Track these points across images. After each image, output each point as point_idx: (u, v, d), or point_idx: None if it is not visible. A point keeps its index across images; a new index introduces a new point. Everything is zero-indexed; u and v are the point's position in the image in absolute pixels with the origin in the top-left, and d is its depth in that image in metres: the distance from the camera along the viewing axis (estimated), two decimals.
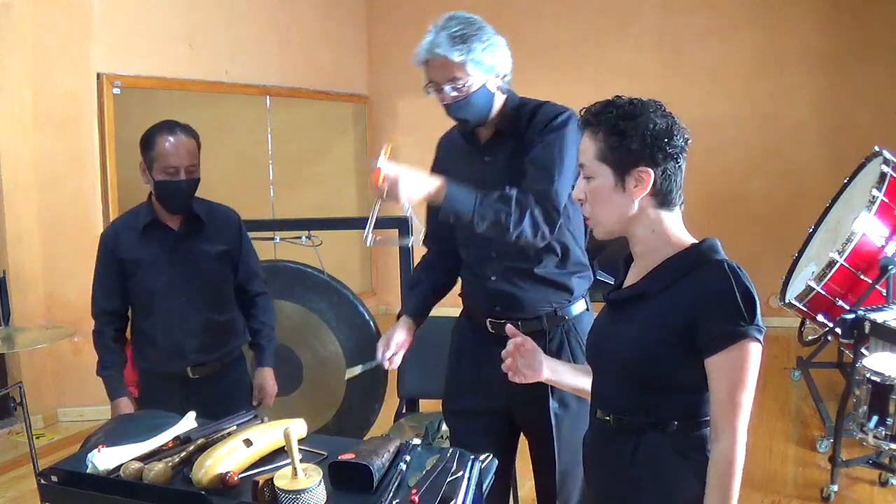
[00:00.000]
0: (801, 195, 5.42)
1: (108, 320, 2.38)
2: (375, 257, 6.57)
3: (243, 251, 2.47)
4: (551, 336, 1.96)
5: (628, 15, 5.89)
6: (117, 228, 2.39)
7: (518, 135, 1.91)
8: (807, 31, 5.55)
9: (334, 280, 3.15)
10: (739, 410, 1.30)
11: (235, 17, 5.11)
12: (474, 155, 1.97)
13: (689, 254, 1.37)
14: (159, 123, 2.26)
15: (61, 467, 1.60)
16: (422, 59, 1.84)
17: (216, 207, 2.44)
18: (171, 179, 2.23)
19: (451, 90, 1.83)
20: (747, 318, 1.29)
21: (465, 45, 1.79)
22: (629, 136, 1.33)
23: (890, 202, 3.56)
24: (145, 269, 2.32)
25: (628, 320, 1.42)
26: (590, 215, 1.42)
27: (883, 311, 3.16)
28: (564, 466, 2.00)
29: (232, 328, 2.46)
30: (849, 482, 3.28)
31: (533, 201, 1.80)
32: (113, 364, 2.37)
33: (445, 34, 1.80)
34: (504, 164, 1.92)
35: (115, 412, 2.34)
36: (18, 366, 4.09)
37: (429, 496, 1.46)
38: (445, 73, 1.82)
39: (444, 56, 1.79)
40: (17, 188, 4.09)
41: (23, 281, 4.08)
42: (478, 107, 1.86)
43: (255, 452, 1.63)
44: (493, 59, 1.84)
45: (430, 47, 1.81)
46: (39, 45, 4.09)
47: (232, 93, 5.09)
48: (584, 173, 1.40)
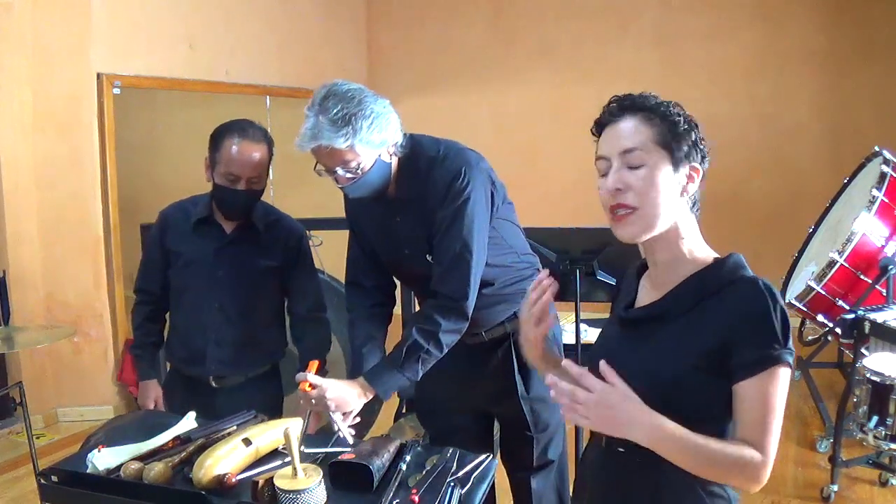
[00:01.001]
0: (801, 195, 5.41)
1: (146, 298, 2.32)
2: None
3: (298, 270, 2.29)
4: (516, 336, 1.95)
5: (628, 15, 5.89)
6: (174, 212, 2.28)
7: (418, 195, 1.86)
8: (807, 31, 5.54)
9: (334, 280, 3.14)
10: (770, 435, 1.20)
11: (235, 17, 5.11)
12: (385, 216, 1.93)
13: (714, 271, 1.27)
14: (232, 122, 2.13)
15: (61, 467, 1.60)
16: (306, 149, 1.73)
17: (281, 219, 2.29)
18: (230, 187, 2.09)
19: (344, 172, 1.75)
20: (782, 341, 1.20)
21: (348, 128, 1.68)
22: (689, 130, 1.27)
23: (890, 202, 3.55)
24: (185, 265, 2.22)
25: (646, 342, 1.30)
26: (636, 204, 1.25)
27: (883, 311, 3.15)
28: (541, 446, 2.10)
29: (265, 347, 2.30)
30: (849, 482, 3.28)
31: (440, 317, 1.83)
32: (144, 344, 2.31)
33: (326, 119, 1.68)
34: (412, 225, 1.89)
35: (142, 393, 2.31)
36: (18, 366, 4.09)
37: (429, 496, 1.46)
38: (335, 159, 1.73)
39: (329, 145, 1.69)
40: (17, 188, 4.09)
41: (23, 281, 4.08)
42: (375, 183, 1.80)
43: (253, 451, 1.63)
44: (382, 134, 1.75)
45: (312, 136, 1.70)
46: (39, 45, 4.09)
47: (232, 93, 5.08)
48: (631, 161, 1.25)
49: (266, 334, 2.31)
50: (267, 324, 2.30)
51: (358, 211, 2.01)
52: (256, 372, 2.29)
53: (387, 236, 1.95)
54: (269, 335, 2.32)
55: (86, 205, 4.22)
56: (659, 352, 1.27)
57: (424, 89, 6.32)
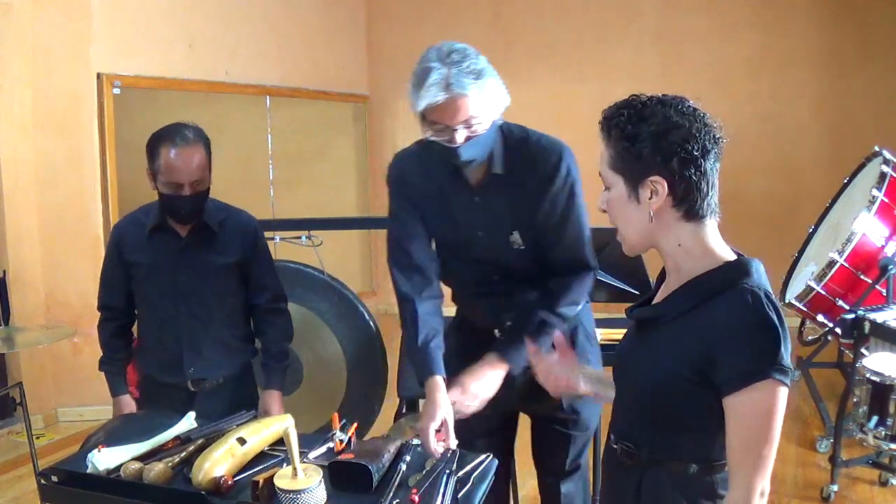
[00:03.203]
0: (801, 195, 5.41)
1: (111, 315, 2.31)
2: (376, 257, 6.57)
3: (256, 263, 2.30)
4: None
5: (628, 15, 5.89)
6: (126, 225, 2.28)
7: (509, 173, 1.79)
8: (807, 31, 5.54)
9: (334, 280, 3.14)
10: (759, 464, 1.13)
11: (235, 17, 5.11)
12: (462, 195, 1.84)
13: (714, 276, 1.20)
14: (164, 130, 2.10)
15: (61, 467, 1.60)
16: (438, 100, 1.60)
17: (233, 214, 2.29)
18: (176, 195, 2.08)
19: (464, 130, 1.64)
20: (767, 356, 1.12)
21: (481, 81, 1.61)
22: (639, 141, 1.16)
23: (890, 202, 3.55)
24: (147, 274, 2.22)
25: (646, 343, 1.29)
26: (615, 224, 1.27)
27: (883, 311, 3.15)
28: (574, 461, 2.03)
29: (238, 344, 2.32)
30: (849, 482, 3.28)
31: (573, 290, 1.86)
32: (112, 360, 2.30)
33: (458, 71, 1.59)
34: (498, 206, 1.82)
35: (116, 410, 2.30)
36: (18, 366, 4.09)
37: (429, 496, 1.46)
38: (461, 114, 1.62)
39: (463, 95, 1.60)
40: (17, 188, 4.08)
41: (23, 281, 4.08)
42: (487, 145, 1.72)
43: (249, 450, 1.63)
44: (502, 97, 1.70)
45: (445, 86, 1.59)
46: (39, 45, 4.09)
47: (232, 93, 5.08)
48: (604, 183, 1.25)
49: (239, 330, 2.32)
50: (236, 321, 2.31)
51: (421, 194, 1.88)
52: (232, 372, 2.30)
53: (460, 216, 1.86)
54: (240, 331, 2.33)
55: (86, 205, 4.22)
56: (651, 356, 1.25)
57: None
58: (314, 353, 3.15)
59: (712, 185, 1.20)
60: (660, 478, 1.23)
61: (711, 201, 1.21)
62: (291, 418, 1.75)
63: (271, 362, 2.34)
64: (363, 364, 3.11)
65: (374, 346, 3.11)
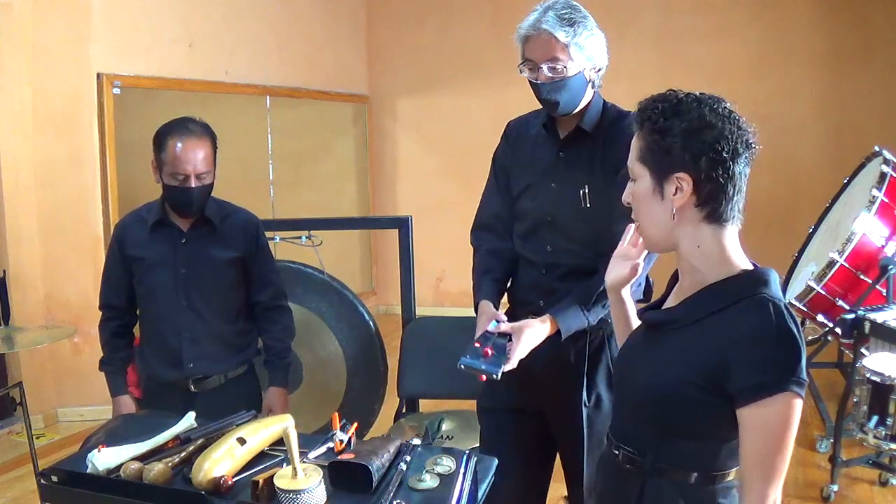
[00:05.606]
0: (801, 195, 5.42)
1: (112, 314, 2.32)
2: (375, 257, 6.57)
3: (258, 260, 2.31)
4: (592, 337, 1.89)
5: (628, 15, 5.89)
6: (129, 221, 2.29)
7: (597, 136, 1.88)
8: (807, 31, 5.55)
9: (334, 280, 3.15)
10: (772, 475, 1.12)
11: (235, 17, 5.11)
12: (549, 148, 1.94)
13: (733, 283, 1.18)
14: (173, 122, 2.14)
15: (61, 467, 1.60)
16: (524, 34, 1.79)
17: (234, 211, 2.31)
18: (181, 186, 2.10)
19: (548, 70, 1.78)
20: (787, 368, 1.11)
21: (571, 28, 1.75)
22: (670, 135, 1.16)
23: (890, 202, 3.55)
24: (148, 269, 2.22)
25: (656, 347, 1.26)
26: (637, 220, 1.26)
27: (883, 311, 3.16)
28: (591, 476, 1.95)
29: (239, 341, 2.31)
30: (849, 482, 3.28)
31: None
32: (113, 360, 2.31)
33: (553, 13, 1.76)
34: (578, 165, 1.88)
35: (115, 410, 2.30)
36: (18, 366, 4.09)
37: (443, 497, 1.45)
38: (547, 51, 1.77)
39: (550, 34, 1.75)
40: (17, 188, 4.08)
41: (23, 281, 4.08)
42: (571, 92, 1.82)
43: (249, 450, 1.63)
44: (594, 49, 1.81)
45: (535, 23, 1.76)
46: (39, 45, 4.09)
47: (232, 93, 5.09)
48: (630, 175, 1.25)
49: (241, 326, 2.32)
50: (236, 316, 2.31)
51: (518, 144, 2.02)
52: (235, 373, 2.30)
53: (544, 171, 1.93)
54: (241, 328, 2.33)
55: (86, 205, 4.22)
56: (661, 362, 1.23)
57: (424, 89, 6.31)
58: (314, 353, 3.15)
59: (739, 189, 1.20)
60: (663, 486, 1.22)
61: (736, 206, 1.21)
62: (291, 418, 1.75)
63: (274, 359, 2.36)
64: (363, 364, 3.11)
65: (373, 347, 3.11)
